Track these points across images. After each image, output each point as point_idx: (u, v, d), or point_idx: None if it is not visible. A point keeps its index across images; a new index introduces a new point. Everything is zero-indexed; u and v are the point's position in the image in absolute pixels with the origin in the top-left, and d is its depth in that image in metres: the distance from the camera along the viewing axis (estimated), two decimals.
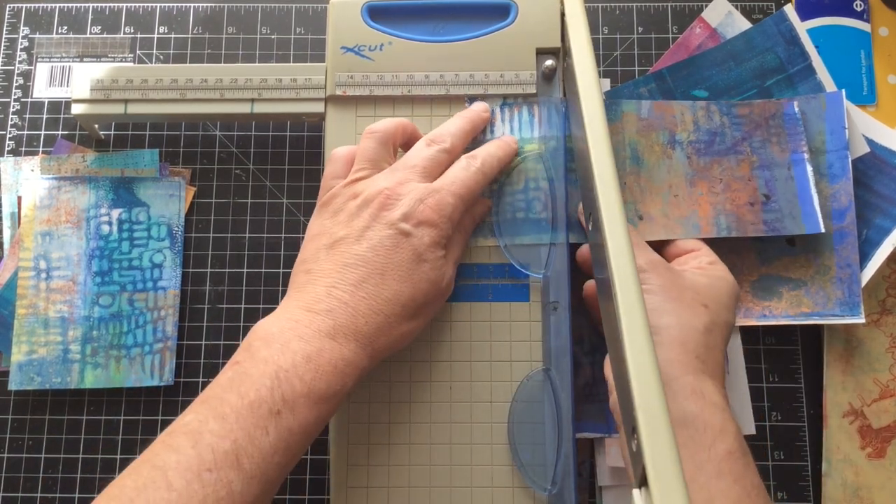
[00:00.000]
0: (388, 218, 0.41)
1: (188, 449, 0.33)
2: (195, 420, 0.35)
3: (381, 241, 0.40)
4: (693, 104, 0.50)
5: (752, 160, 0.49)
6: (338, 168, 0.44)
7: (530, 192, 0.46)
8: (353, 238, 0.40)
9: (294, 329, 0.38)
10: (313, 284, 0.40)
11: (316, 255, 0.41)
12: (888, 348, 0.49)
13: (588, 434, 0.47)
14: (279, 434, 0.35)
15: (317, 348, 0.37)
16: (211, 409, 0.35)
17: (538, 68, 0.48)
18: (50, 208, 0.50)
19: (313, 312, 0.38)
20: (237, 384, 0.36)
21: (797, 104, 0.50)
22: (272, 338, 0.37)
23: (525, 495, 0.43)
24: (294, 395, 0.36)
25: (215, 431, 0.34)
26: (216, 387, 0.36)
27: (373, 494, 0.44)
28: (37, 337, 0.48)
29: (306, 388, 0.36)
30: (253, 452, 0.34)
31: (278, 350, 0.37)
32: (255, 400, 0.35)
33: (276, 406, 0.35)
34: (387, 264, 0.40)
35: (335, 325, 0.38)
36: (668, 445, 0.30)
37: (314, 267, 0.40)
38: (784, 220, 0.48)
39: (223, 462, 0.33)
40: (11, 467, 0.48)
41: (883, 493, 0.47)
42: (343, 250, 0.40)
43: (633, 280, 0.35)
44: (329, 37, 0.49)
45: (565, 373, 0.44)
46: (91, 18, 0.55)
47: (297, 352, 0.37)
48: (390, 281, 0.40)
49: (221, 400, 0.35)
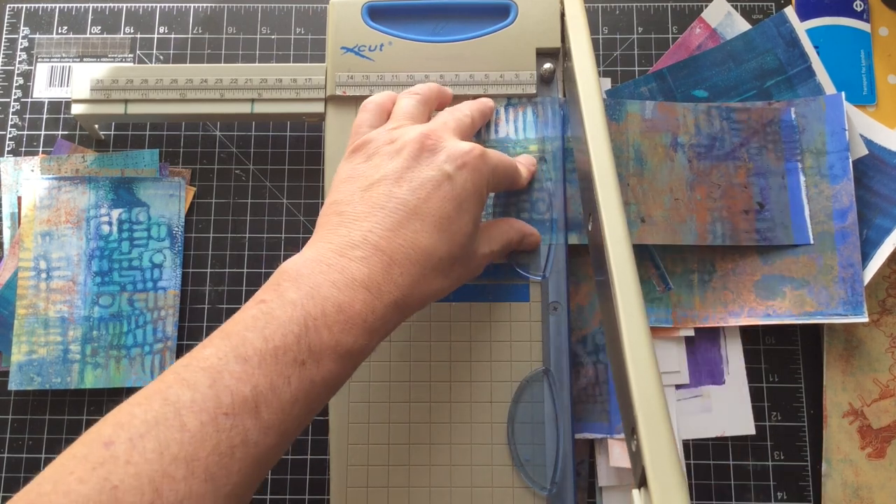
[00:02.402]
0: (430, 159, 0.38)
1: (205, 388, 0.31)
2: (214, 356, 0.32)
3: (423, 183, 0.37)
4: (695, 107, 0.50)
5: (748, 167, 0.49)
6: (370, 117, 0.42)
7: (530, 192, 0.46)
8: (392, 179, 0.38)
9: (326, 273, 0.35)
10: (347, 227, 0.37)
11: (350, 196, 0.38)
12: (888, 348, 0.49)
13: (589, 434, 0.47)
14: (301, 385, 0.33)
15: (349, 298, 0.34)
16: (232, 347, 0.32)
17: (538, 68, 0.48)
18: (50, 208, 0.50)
19: (347, 258, 0.35)
20: (262, 325, 0.33)
21: (794, 110, 0.50)
22: (301, 279, 0.35)
23: (525, 495, 0.43)
24: (321, 346, 0.33)
25: (235, 373, 0.31)
26: (238, 323, 0.33)
27: (373, 494, 0.44)
28: (37, 337, 0.48)
29: (334, 340, 0.34)
30: (272, 401, 0.32)
31: (308, 294, 0.34)
32: (281, 346, 0.32)
33: (301, 355, 0.33)
34: (428, 209, 0.37)
35: (370, 274, 0.35)
36: (667, 446, 0.30)
37: (347, 209, 0.37)
38: (776, 230, 0.48)
39: (241, 408, 0.31)
40: (11, 467, 0.48)
41: (883, 493, 0.47)
42: (381, 191, 0.37)
43: (633, 281, 0.35)
44: (329, 37, 0.49)
45: (565, 373, 0.44)
46: (91, 18, 0.55)
47: (329, 299, 0.34)
48: (430, 227, 0.37)
49: (244, 339, 0.32)
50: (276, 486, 0.48)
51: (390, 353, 0.45)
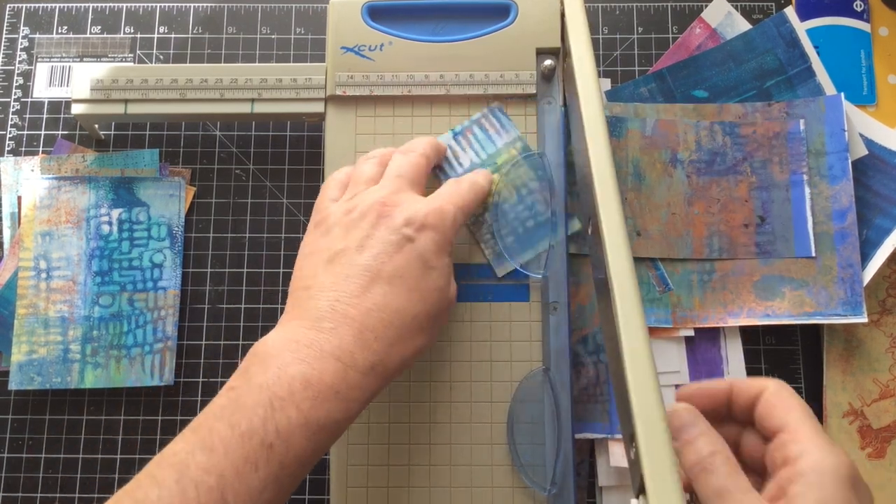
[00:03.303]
0: (388, 224, 0.38)
1: (171, 483, 0.31)
2: (183, 450, 0.32)
3: (385, 247, 0.38)
4: (697, 123, 0.50)
5: (750, 181, 0.49)
6: (333, 192, 0.42)
7: (529, 192, 0.46)
8: (354, 248, 0.38)
9: (295, 351, 0.35)
10: (314, 300, 0.37)
11: (314, 270, 0.38)
12: (888, 348, 0.49)
13: (589, 434, 0.47)
14: (269, 469, 0.32)
15: (318, 371, 0.34)
16: (200, 438, 0.33)
17: (538, 68, 0.48)
18: (50, 208, 0.50)
19: (315, 330, 0.35)
20: (229, 413, 0.33)
21: (803, 123, 0.50)
22: (270, 360, 0.35)
23: (525, 495, 0.43)
24: (289, 426, 0.33)
25: (202, 465, 0.32)
26: (209, 414, 0.34)
27: (373, 494, 0.44)
28: (37, 337, 0.48)
29: (303, 417, 0.33)
30: (240, 489, 0.31)
31: (274, 375, 0.34)
32: (247, 431, 0.32)
33: (268, 437, 0.32)
34: (393, 271, 0.37)
35: (340, 343, 0.35)
36: (665, 454, 0.30)
37: (313, 283, 0.38)
38: (776, 243, 0.48)
39: (207, 499, 0.31)
40: (11, 467, 0.48)
41: (883, 493, 0.47)
42: (344, 262, 0.38)
43: (632, 285, 0.34)
44: (329, 37, 0.49)
45: (565, 373, 0.44)
46: (91, 18, 0.55)
47: (296, 377, 0.34)
48: (398, 289, 0.37)
49: (211, 430, 0.33)
50: None
51: None
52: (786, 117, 0.50)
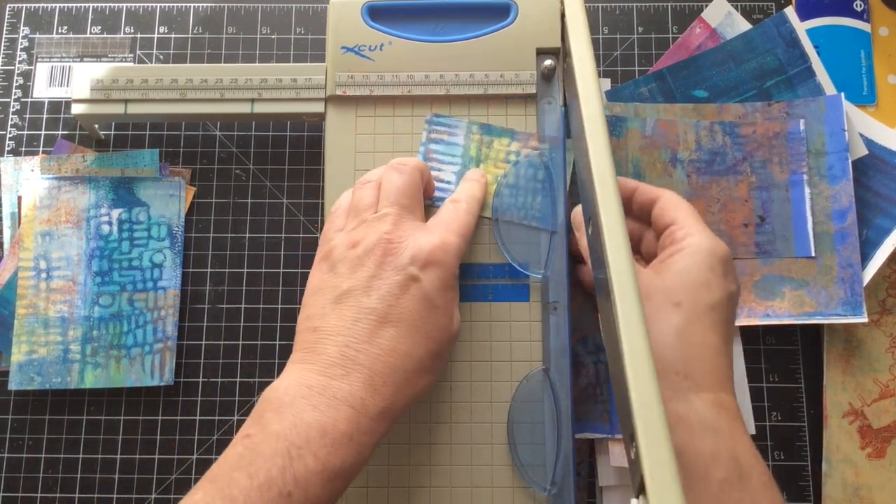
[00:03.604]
0: (394, 263, 0.39)
1: None
2: (202, 501, 0.33)
3: (390, 289, 0.38)
4: (697, 123, 0.50)
5: (750, 181, 0.49)
6: (338, 222, 0.43)
7: (530, 192, 0.46)
8: (361, 289, 0.38)
9: (308, 397, 0.35)
10: (323, 344, 0.37)
11: (322, 310, 0.39)
12: (888, 348, 0.49)
13: (589, 434, 0.47)
14: None
15: (332, 419, 0.35)
16: (219, 489, 0.33)
17: (538, 68, 0.48)
18: (50, 208, 0.50)
19: (327, 377, 0.36)
20: (247, 462, 0.33)
21: (803, 123, 0.50)
22: (284, 408, 0.35)
23: (525, 495, 0.43)
24: (307, 474, 0.33)
25: None
26: (225, 464, 0.34)
27: (373, 494, 0.44)
28: (37, 337, 0.48)
29: (320, 465, 0.34)
30: None
31: (290, 423, 0.34)
32: (265, 482, 0.33)
33: (287, 487, 0.33)
34: (401, 316, 0.38)
35: (351, 390, 0.36)
36: (666, 454, 0.30)
37: (321, 324, 0.38)
38: (776, 243, 0.48)
39: None
40: (11, 467, 0.48)
41: (883, 493, 0.47)
42: (351, 304, 0.38)
43: (632, 285, 0.34)
44: (329, 37, 0.49)
45: (565, 373, 0.44)
46: (91, 18, 0.55)
47: (312, 425, 0.34)
48: (405, 333, 0.37)
49: (230, 480, 0.33)
50: None
51: None
52: (786, 117, 0.50)
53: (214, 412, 0.49)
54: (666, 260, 0.41)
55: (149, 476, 0.48)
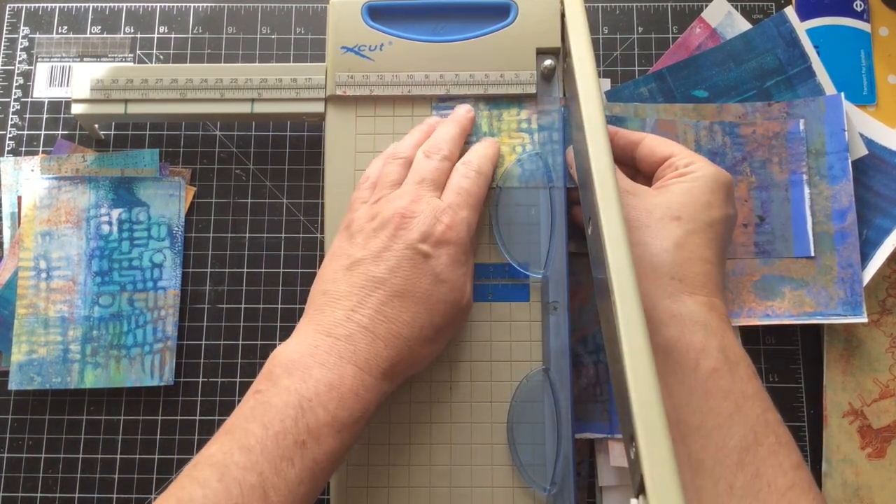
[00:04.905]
0: (405, 238, 0.40)
1: (214, 482, 0.33)
2: (220, 452, 0.34)
3: (399, 262, 0.40)
4: (696, 123, 0.50)
5: (750, 181, 0.49)
6: (364, 193, 0.44)
7: (530, 192, 0.46)
8: (371, 259, 0.40)
9: (314, 355, 0.37)
10: (331, 307, 0.39)
11: (334, 276, 0.40)
12: (888, 348, 0.49)
13: (589, 434, 0.47)
14: (304, 465, 0.34)
15: (338, 375, 0.37)
16: (235, 440, 0.34)
17: (538, 68, 0.48)
18: (50, 208, 0.50)
19: (333, 337, 0.38)
20: (260, 414, 0.35)
21: (803, 123, 0.50)
22: (293, 365, 0.37)
23: (525, 495, 0.43)
24: (318, 425, 0.35)
25: (241, 464, 0.33)
26: (239, 417, 0.36)
27: (373, 494, 0.44)
28: (37, 337, 0.48)
29: (330, 416, 0.36)
30: (279, 485, 0.34)
31: (300, 378, 0.36)
32: (280, 431, 0.35)
33: (300, 437, 0.35)
34: (405, 287, 0.39)
35: (356, 350, 0.38)
36: (666, 454, 0.30)
37: (331, 288, 0.40)
38: (775, 243, 0.48)
39: (250, 496, 0.33)
40: (11, 467, 0.48)
41: (883, 493, 0.47)
42: (361, 272, 0.40)
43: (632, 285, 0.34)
44: (329, 37, 0.49)
45: (565, 373, 0.44)
46: (91, 18, 0.55)
47: (320, 380, 0.36)
48: (409, 304, 0.39)
49: (246, 431, 0.35)
50: None
51: None
52: (786, 117, 0.50)
53: (214, 412, 0.49)
54: (669, 182, 0.43)
55: (149, 476, 0.48)
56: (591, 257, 0.41)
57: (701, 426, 0.37)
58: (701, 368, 0.38)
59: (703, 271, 0.41)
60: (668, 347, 0.39)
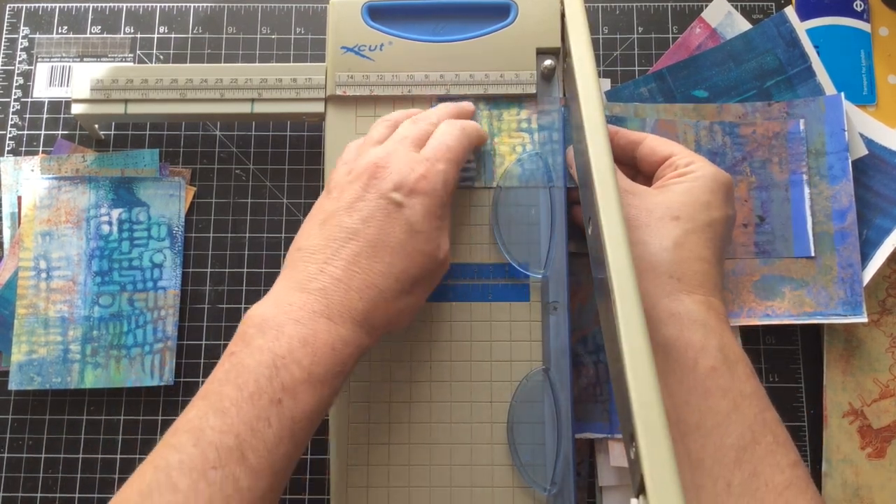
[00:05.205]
0: (378, 187, 0.39)
1: (190, 447, 0.33)
2: (196, 417, 0.34)
3: (373, 212, 0.39)
4: (696, 123, 0.50)
5: (750, 181, 0.49)
6: (348, 154, 0.44)
7: (530, 192, 0.46)
8: (344, 210, 0.39)
9: (287, 312, 0.37)
10: (305, 262, 0.39)
11: (309, 231, 0.40)
12: (888, 348, 0.49)
13: (589, 434, 0.47)
14: (282, 423, 0.34)
15: (312, 330, 0.36)
16: (210, 404, 0.34)
17: (538, 68, 0.48)
18: (50, 208, 0.50)
19: (306, 292, 0.37)
20: (234, 376, 0.35)
21: (803, 123, 0.50)
22: (266, 324, 0.36)
23: (525, 495, 0.43)
24: (294, 382, 0.35)
25: (216, 427, 0.33)
26: (214, 381, 0.35)
27: (373, 494, 0.44)
28: (37, 337, 0.48)
29: (305, 373, 0.35)
30: (257, 445, 0.33)
31: (273, 336, 0.36)
32: (255, 391, 0.34)
33: (276, 395, 0.34)
34: (379, 236, 0.38)
35: (329, 303, 0.37)
36: (666, 454, 0.30)
37: (305, 244, 0.39)
38: (775, 243, 0.49)
39: (228, 458, 0.32)
40: (11, 467, 0.48)
41: (883, 493, 0.47)
42: (334, 223, 0.39)
43: (632, 285, 0.34)
44: (329, 37, 0.49)
45: (565, 373, 0.44)
46: (91, 18, 0.55)
47: (293, 336, 0.36)
48: (382, 253, 0.38)
49: (220, 394, 0.34)
50: None
51: (390, 353, 0.45)
52: (786, 117, 0.50)
53: None
54: (669, 182, 0.44)
55: None
56: (591, 257, 0.41)
57: (699, 425, 0.37)
58: (699, 367, 0.38)
59: (701, 271, 0.41)
60: (666, 346, 0.39)
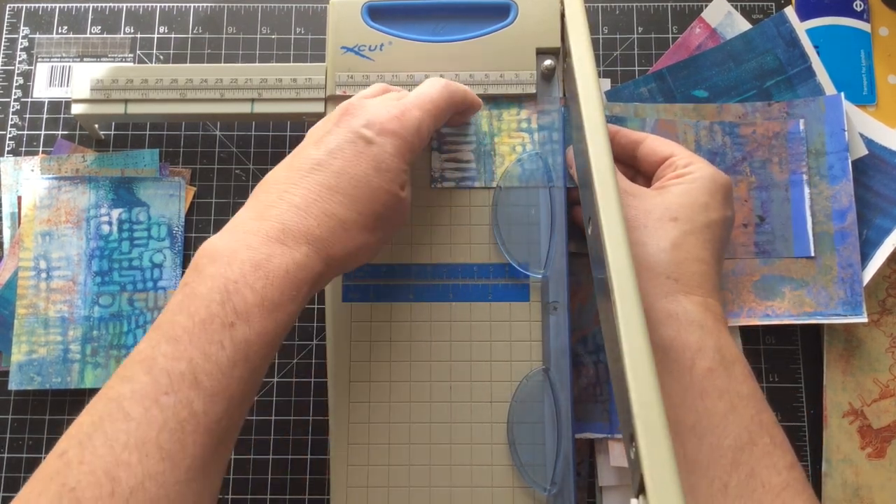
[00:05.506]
0: (348, 124, 0.39)
1: (142, 376, 0.32)
2: (147, 347, 0.33)
3: (340, 145, 0.38)
4: (696, 123, 0.50)
5: (750, 181, 0.49)
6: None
7: (530, 192, 0.46)
8: (312, 144, 0.39)
9: (242, 238, 0.36)
10: (266, 193, 0.38)
11: (277, 169, 0.40)
12: (888, 348, 0.49)
13: (589, 434, 0.47)
14: (236, 346, 0.33)
15: (266, 255, 0.35)
16: (163, 333, 0.33)
17: (538, 68, 0.48)
18: (50, 208, 0.50)
19: (262, 219, 0.37)
20: (187, 305, 0.34)
21: (803, 123, 0.50)
22: (218, 253, 0.35)
23: (525, 495, 0.43)
24: (247, 306, 0.34)
25: (168, 354, 0.32)
26: (167, 312, 0.35)
27: (373, 494, 0.44)
28: (37, 337, 0.48)
29: (258, 297, 0.34)
30: (211, 369, 0.32)
31: (225, 263, 0.35)
32: (207, 317, 0.33)
33: (228, 319, 0.33)
34: (344, 168, 0.38)
35: (284, 228, 0.36)
36: (666, 454, 0.30)
37: (269, 178, 0.39)
38: (775, 243, 0.49)
39: (180, 384, 0.32)
40: (11, 467, 0.48)
41: (883, 493, 0.47)
42: (301, 156, 0.39)
43: (632, 285, 0.34)
44: (329, 37, 0.49)
45: (565, 373, 0.44)
46: (91, 18, 0.55)
47: (246, 261, 0.35)
48: (346, 185, 0.38)
49: (172, 323, 0.34)
50: (275, 486, 0.48)
51: (390, 353, 0.45)
52: (786, 117, 0.50)
53: None
54: (668, 183, 0.44)
55: None
56: (591, 257, 0.41)
57: (696, 426, 0.38)
58: (697, 368, 0.38)
59: (699, 271, 0.41)
60: (664, 347, 0.39)
